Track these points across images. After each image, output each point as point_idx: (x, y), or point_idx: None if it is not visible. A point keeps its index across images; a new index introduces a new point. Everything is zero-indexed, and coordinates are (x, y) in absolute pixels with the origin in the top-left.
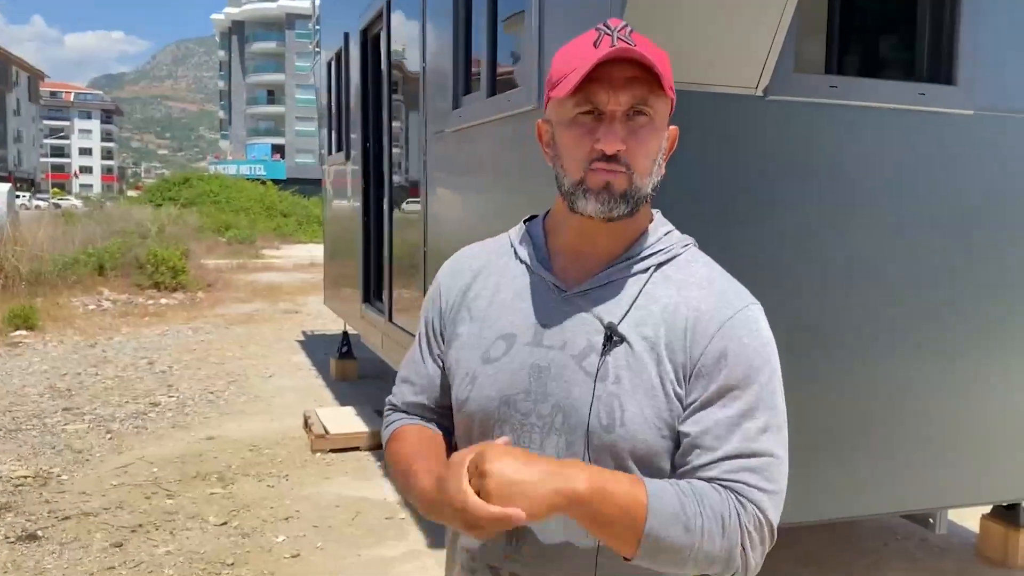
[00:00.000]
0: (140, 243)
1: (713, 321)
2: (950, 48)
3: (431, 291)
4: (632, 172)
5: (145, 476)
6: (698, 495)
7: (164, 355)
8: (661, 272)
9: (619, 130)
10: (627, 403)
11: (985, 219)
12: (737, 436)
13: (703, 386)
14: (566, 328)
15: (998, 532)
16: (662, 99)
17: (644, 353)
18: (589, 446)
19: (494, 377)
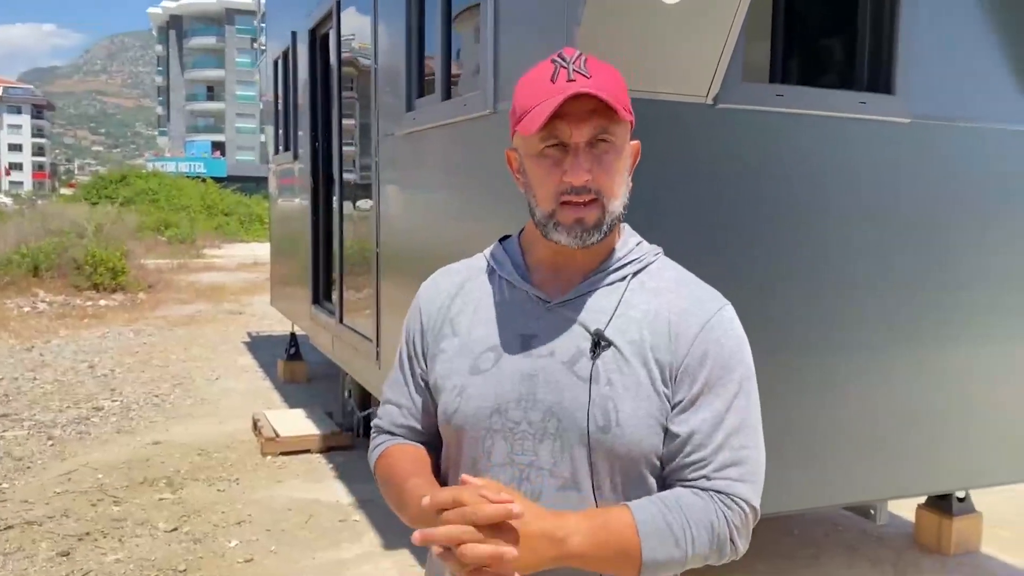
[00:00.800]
0: (77, 243)
1: (694, 323)
2: (889, 58)
3: (411, 311)
4: (602, 197)
5: (90, 483)
6: (684, 508)
7: (105, 358)
8: (637, 280)
9: (583, 161)
10: (621, 404)
11: (923, 223)
12: (721, 434)
13: (688, 386)
14: (553, 337)
15: (932, 521)
16: (622, 124)
17: (632, 356)
18: (589, 447)
19: (484, 388)
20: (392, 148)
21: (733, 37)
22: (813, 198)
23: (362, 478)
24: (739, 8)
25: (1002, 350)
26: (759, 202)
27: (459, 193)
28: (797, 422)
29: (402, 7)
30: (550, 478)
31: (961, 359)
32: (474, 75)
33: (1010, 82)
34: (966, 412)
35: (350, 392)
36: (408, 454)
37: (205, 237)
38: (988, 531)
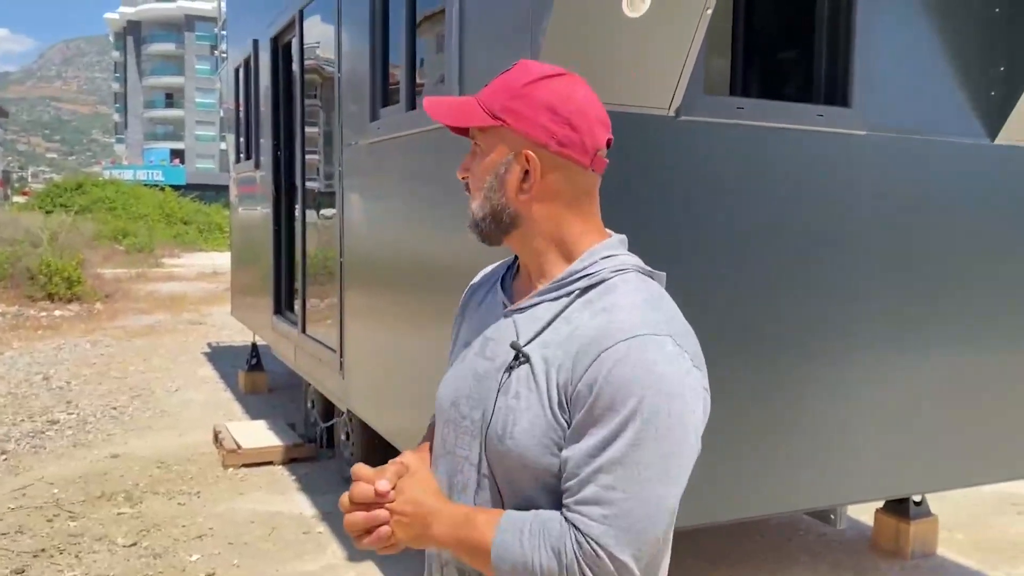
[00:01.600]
0: (31, 252)
1: (593, 350)
2: (845, 72)
3: None
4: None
5: (45, 498)
6: (544, 529)
7: (61, 370)
8: (585, 297)
9: (465, 160)
10: (519, 418)
11: (882, 232)
12: (589, 468)
13: (577, 412)
14: (499, 342)
15: (890, 525)
16: (488, 131)
17: (541, 374)
18: (487, 452)
19: (450, 380)
20: (356, 157)
21: (695, 50)
22: (774, 208)
23: (325, 489)
24: (700, 21)
25: (957, 355)
26: (721, 212)
27: (424, 202)
28: (758, 430)
29: (365, 16)
30: (475, 473)
31: (917, 365)
32: (438, 85)
33: (964, 96)
34: (921, 417)
35: (313, 403)
36: (428, 431)
37: (164, 246)
38: (944, 535)
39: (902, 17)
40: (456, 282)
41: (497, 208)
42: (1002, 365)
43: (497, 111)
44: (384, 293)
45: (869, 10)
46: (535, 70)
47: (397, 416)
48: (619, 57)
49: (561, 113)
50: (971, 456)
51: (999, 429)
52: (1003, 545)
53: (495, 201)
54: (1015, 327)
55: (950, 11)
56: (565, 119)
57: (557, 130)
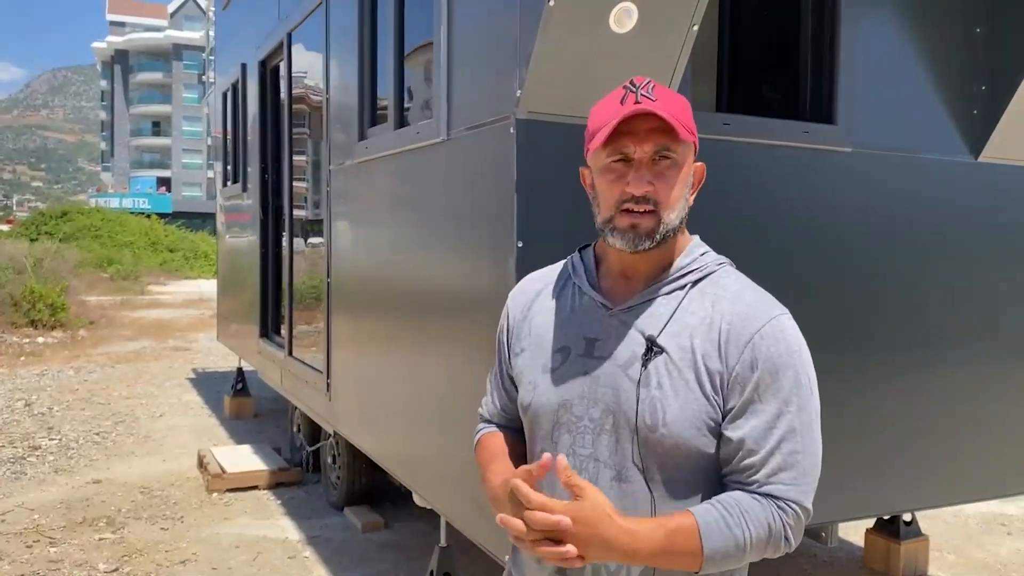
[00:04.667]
0: (15, 279)
1: (745, 332)
2: (830, 89)
3: (503, 314)
4: (660, 208)
5: (25, 524)
6: (743, 511)
7: (43, 396)
8: (697, 288)
9: (645, 174)
10: (668, 405)
11: (865, 248)
12: (771, 440)
13: (738, 393)
14: (612, 341)
15: (881, 545)
16: (683, 143)
17: (681, 361)
18: (637, 443)
19: (552, 385)
20: (344, 177)
21: (681, 66)
22: (758, 224)
23: (311, 514)
24: (687, 38)
25: (946, 372)
26: (706, 228)
27: (411, 221)
28: None
29: (353, 37)
30: (605, 469)
31: (906, 381)
32: (424, 109)
33: (947, 114)
34: (911, 434)
35: (299, 427)
36: (494, 442)
37: (150, 273)
38: (934, 554)
39: (885, 36)
40: (444, 302)
41: (684, 217)
42: (992, 382)
43: (693, 129)
44: (372, 313)
45: (853, 28)
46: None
47: (385, 437)
48: (606, 73)
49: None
50: (961, 474)
51: (989, 446)
52: (993, 565)
53: (685, 212)
54: (1002, 344)
55: (933, 30)
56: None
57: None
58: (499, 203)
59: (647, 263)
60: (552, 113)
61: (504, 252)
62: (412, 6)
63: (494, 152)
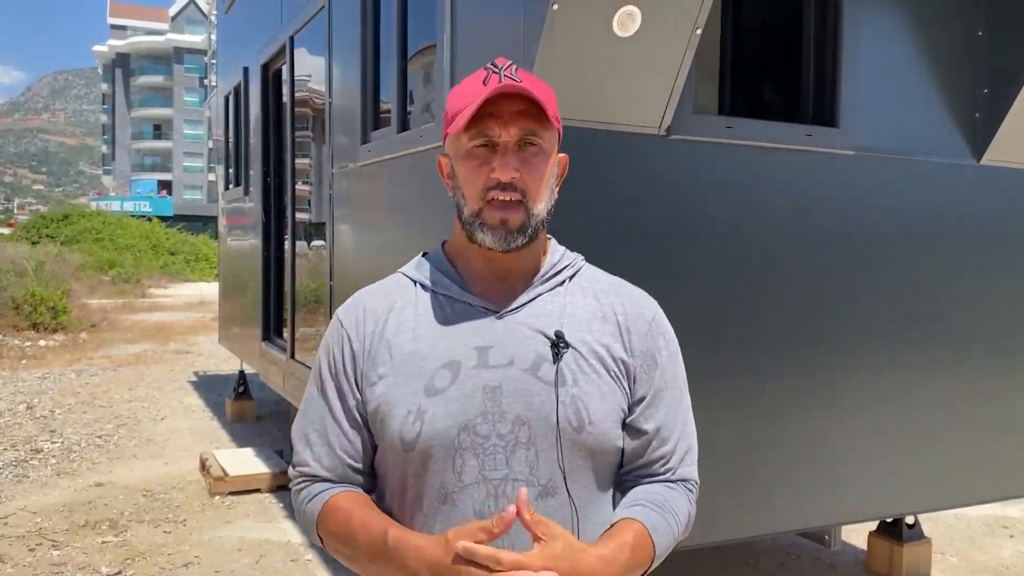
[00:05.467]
0: (16, 282)
1: (641, 321)
2: (832, 93)
3: (332, 341)
4: (527, 200)
5: (28, 527)
6: (671, 506)
7: (45, 399)
8: (575, 283)
9: (512, 160)
10: (590, 402)
11: (867, 251)
12: (679, 425)
13: (647, 382)
14: (509, 346)
15: (884, 548)
16: (549, 130)
17: (589, 355)
18: (562, 449)
19: (446, 407)
20: (347, 180)
21: (685, 70)
22: (762, 227)
23: None
24: (690, 41)
25: (948, 374)
26: (711, 231)
27: (414, 223)
28: (750, 449)
29: (356, 41)
30: (527, 488)
31: (909, 384)
32: (426, 112)
33: (949, 117)
34: (914, 437)
35: None
36: (361, 502)
37: (151, 276)
38: (937, 557)
39: (887, 39)
40: None
41: (551, 208)
42: (994, 384)
43: (558, 115)
44: None
45: (855, 32)
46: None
47: None
48: (609, 77)
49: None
50: (964, 476)
51: (992, 449)
52: (996, 568)
53: (551, 204)
54: (1004, 346)
55: (935, 34)
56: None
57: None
58: None
59: (522, 261)
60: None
61: None
62: (415, 9)
63: None
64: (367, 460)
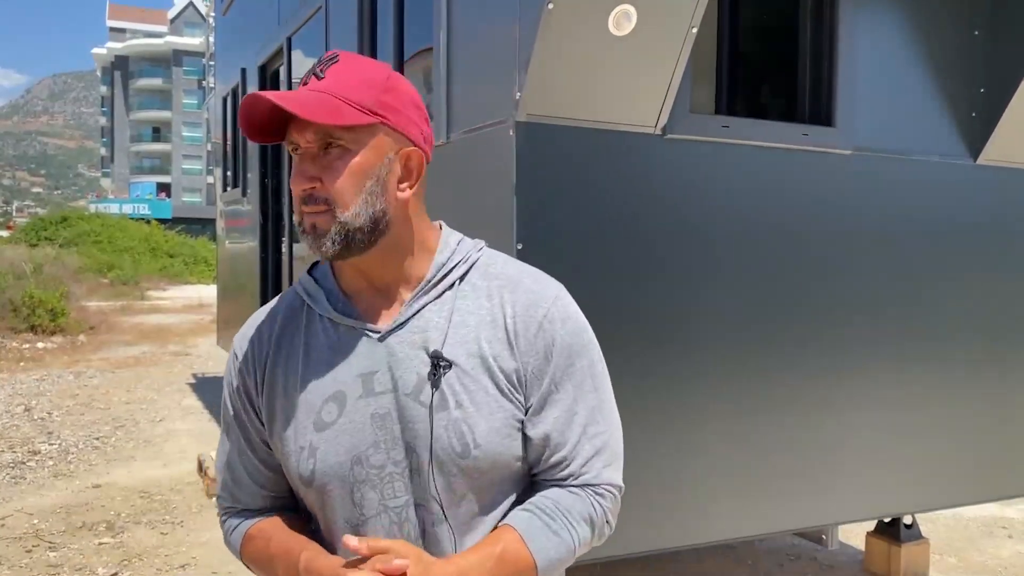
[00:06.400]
0: (14, 284)
1: (532, 322)
2: (829, 93)
3: (228, 371)
4: (333, 207)
5: (25, 528)
6: (563, 511)
7: (43, 401)
8: (467, 283)
9: (309, 168)
10: (476, 424)
11: (863, 250)
12: (577, 428)
13: (538, 387)
14: (392, 369)
15: (882, 548)
16: (354, 129)
17: (474, 370)
18: (448, 475)
19: (336, 441)
20: None
21: (680, 69)
22: (758, 227)
23: None
24: (686, 40)
25: (944, 374)
26: (707, 230)
27: None
28: (747, 449)
29: (353, 39)
30: (428, 513)
31: (907, 383)
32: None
33: (946, 117)
34: (912, 436)
35: None
36: (278, 528)
37: (149, 279)
38: (935, 558)
39: (884, 38)
40: None
41: (378, 214)
42: (992, 383)
43: (374, 107)
44: None
45: (852, 31)
46: (378, 63)
47: None
48: (606, 76)
49: (422, 108)
50: (962, 476)
51: (990, 449)
52: (994, 568)
53: (377, 207)
54: (1001, 345)
55: (931, 33)
56: (425, 115)
57: (423, 126)
58: (498, 206)
59: (391, 267)
60: (551, 116)
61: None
62: (411, 10)
63: (493, 155)
64: (281, 486)
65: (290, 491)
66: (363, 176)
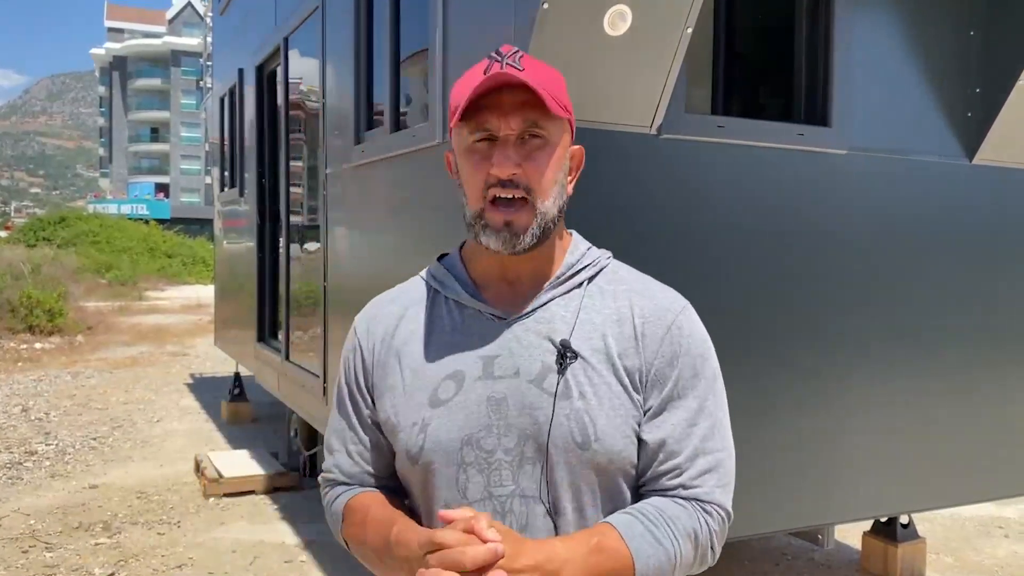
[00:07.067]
0: (12, 284)
1: (660, 325)
2: (824, 92)
3: (347, 349)
4: (532, 196)
5: (21, 529)
6: (668, 520)
7: (40, 401)
8: (595, 285)
9: (512, 154)
10: (597, 416)
11: (859, 249)
12: (695, 439)
13: (658, 391)
14: (516, 355)
15: (878, 548)
16: (556, 121)
17: (599, 364)
18: (562, 467)
19: (449, 419)
20: (340, 181)
21: (676, 69)
22: (754, 226)
23: (308, 518)
24: (681, 40)
25: (940, 374)
26: (703, 230)
27: (408, 224)
28: (742, 448)
29: (350, 42)
30: (534, 505)
31: (899, 383)
32: (420, 112)
33: (942, 117)
34: (909, 435)
35: (296, 431)
36: (377, 501)
37: (147, 279)
38: (932, 557)
39: (880, 38)
40: None
41: (562, 206)
42: (988, 383)
43: (565, 102)
44: None
45: (847, 31)
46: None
47: None
48: (601, 76)
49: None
50: (959, 476)
51: (987, 448)
52: (990, 568)
53: (562, 199)
54: (998, 345)
55: (927, 33)
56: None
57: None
58: None
59: (532, 263)
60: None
61: None
62: (407, 10)
63: None
64: (385, 465)
65: (393, 473)
66: (557, 168)
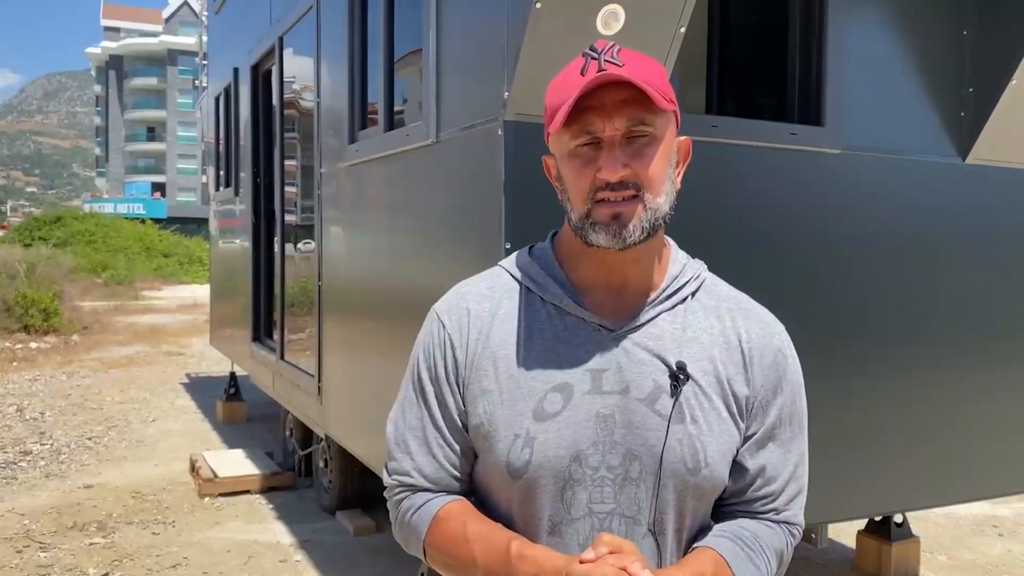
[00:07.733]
0: (7, 284)
1: (767, 352)
2: (818, 91)
3: (433, 341)
4: (643, 193)
5: (15, 529)
6: (762, 544)
7: (35, 401)
8: (696, 300)
9: (620, 155)
10: (708, 443)
11: (852, 249)
12: (790, 466)
13: (761, 418)
14: (625, 371)
15: (872, 547)
16: (662, 114)
17: (709, 388)
18: (668, 490)
19: (559, 434)
20: (335, 181)
21: (669, 68)
22: (747, 225)
23: (303, 518)
24: (674, 40)
25: (934, 374)
26: (692, 230)
27: (402, 223)
28: None
29: (344, 41)
30: (634, 525)
31: (893, 383)
32: (414, 112)
33: (935, 116)
34: (903, 435)
35: (291, 431)
36: (472, 513)
37: (144, 279)
38: (926, 556)
39: (873, 38)
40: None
41: (672, 202)
42: (983, 382)
43: (670, 95)
44: (363, 317)
45: (840, 31)
46: None
47: (375, 441)
48: None
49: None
50: (953, 475)
51: (981, 447)
52: (984, 566)
53: (673, 194)
54: (991, 345)
55: (920, 33)
56: None
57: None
58: (487, 205)
59: (638, 267)
60: (540, 115)
61: (492, 254)
62: (401, 9)
63: (482, 154)
64: (467, 469)
65: (468, 474)
66: (666, 163)
